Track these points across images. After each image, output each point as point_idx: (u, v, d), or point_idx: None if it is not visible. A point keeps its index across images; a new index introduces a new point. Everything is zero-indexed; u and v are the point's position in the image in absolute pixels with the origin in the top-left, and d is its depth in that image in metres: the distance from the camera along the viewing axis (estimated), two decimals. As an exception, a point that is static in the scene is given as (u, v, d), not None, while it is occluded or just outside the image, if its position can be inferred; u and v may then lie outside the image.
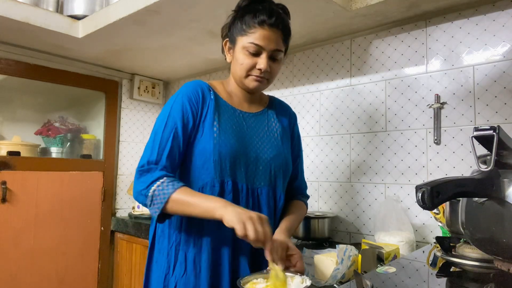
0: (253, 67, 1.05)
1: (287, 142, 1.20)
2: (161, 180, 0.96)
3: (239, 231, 0.86)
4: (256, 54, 1.04)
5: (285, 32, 1.07)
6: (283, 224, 1.10)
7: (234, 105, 1.13)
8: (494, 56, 1.43)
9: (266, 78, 1.08)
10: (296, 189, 1.26)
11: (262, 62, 1.04)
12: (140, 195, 0.98)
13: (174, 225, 1.05)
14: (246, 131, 1.11)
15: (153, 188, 0.95)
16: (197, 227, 1.02)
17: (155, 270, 1.08)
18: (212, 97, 1.09)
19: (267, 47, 1.04)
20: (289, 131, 1.23)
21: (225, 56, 1.15)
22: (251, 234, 0.86)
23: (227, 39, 1.12)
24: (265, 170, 1.10)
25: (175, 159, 1.02)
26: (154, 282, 1.07)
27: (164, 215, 0.98)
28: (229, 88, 1.15)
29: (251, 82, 1.08)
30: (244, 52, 1.05)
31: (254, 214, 0.89)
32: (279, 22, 1.04)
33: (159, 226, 1.10)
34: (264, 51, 1.04)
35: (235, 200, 1.04)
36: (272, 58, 1.06)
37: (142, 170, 0.99)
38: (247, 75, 1.07)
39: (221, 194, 1.03)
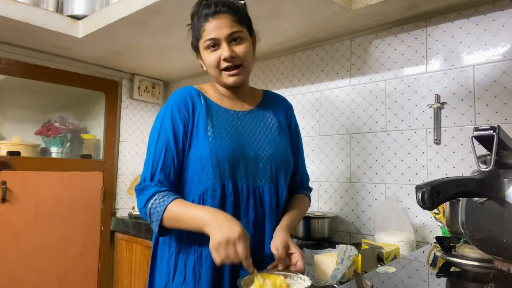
0: (219, 61, 1.05)
1: (285, 137, 1.18)
2: (154, 198, 0.98)
3: (216, 261, 0.89)
4: (216, 47, 1.04)
5: (233, 12, 1.04)
6: (284, 222, 1.08)
7: (226, 106, 1.12)
8: (494, 56, 1.43)
9: (238, 64, 1.05)
10: (297, 182, 1.24)
11: (223, 51, 1.03)
12: (142, 213, 1.02)
13: (174, 234, 1.05)
14: (242, 131, 1.09)
15: (148, 206, 0.98)
16: (198, 235, 1.00)
17: (158, 278, 1.08)
18: (202, 102, 1.08)
19: (220, 35, 1.02)
20: (286, 124, 1.21)
21: (202, 67, 1.15)
22: (224, 259, 0.87)
23: (195, 52, 1.13)
24: (265, 168, 1.08)
25: (170, 171, 1.03)
26: None
27: (164, 230, 1.00)
28: (219, 90, 1.15)
29: (226, 78, 1.06)
30: (207, 51, 1.05)
31: (224, 235, 0.87)
32: (220, 7, 1.03)
33: None
34: (221, 40, 1.03)
35: (236, 202, 1.04)
36: (233, 42, 1.04)
37: (140, 189, 1.02)
38: (220, 72, 1.06)
39: (223, 198, 1.02)
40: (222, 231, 0.88)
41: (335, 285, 1.06)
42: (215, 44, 1.03)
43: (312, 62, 2.01)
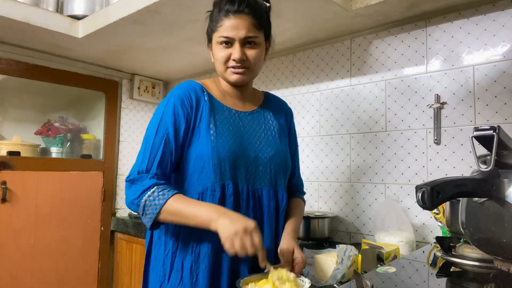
0: (228, 59, 1.04)
1: (285, 140, 1.19)
2: (152, 190, 0.94)
3: (228, 250, 0.87)
4: (229, 45, 1.03)
5: (255, 15, 1.03)
6: (289, 227, 1.10)
7: (228, 105, 1.10)
8: (494, 56, 1.43)
9: (246, 67, 1.05)
10: (294, 187, 1.25)
11: (235, 51, 1.02)
12: (132, 204, 0.97)
13: (170, 232, 1.03)
14: (243, 131, 1.08)
15: (144, 198, 0.94)
16: (196, 234, 1.00)
17: (152, 277, 1.06)
18: (206, 98, 1.06)
19: (236, 36, 1.01)
20: (286, 128, 1.21)
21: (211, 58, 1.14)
22: (238, 250, 0.86)
23: (208, 41, 1.12)
24: (264, 170, 1.08)
25: (166, 166, 1.00)
26: None
27: (157, 223, 0.97)
28: (222, 87, 1.13)
29: (230, 75, 1.06)
30: (219, 46, 1.04)
31: (240, 226, 0.88)
32: (244, 7, 1.01)
33: (156, 233, 1.07)
34: (235, 41, 1.02)
35: (236, 203, 1.02)
36: (247, 44, 1.03)
37: (133, 179, 0.97)
38: (226, 69, 1.05)
39: (222, 198, 1.01)
40: (236, 222, 0.89)
41: (335, 285, 1.06)
42: (228, 42, 1.02)
43: (312, 62, 2.01)
